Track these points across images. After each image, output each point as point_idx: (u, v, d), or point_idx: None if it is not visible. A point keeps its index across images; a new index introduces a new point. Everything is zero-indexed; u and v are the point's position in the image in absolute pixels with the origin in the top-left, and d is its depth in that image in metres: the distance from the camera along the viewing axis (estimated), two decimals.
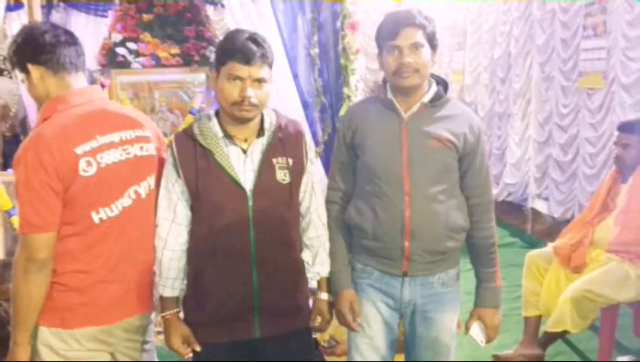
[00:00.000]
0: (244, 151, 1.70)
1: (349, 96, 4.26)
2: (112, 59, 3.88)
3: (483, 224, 1.86)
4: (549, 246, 3.11)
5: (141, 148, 1.75)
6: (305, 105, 4.50)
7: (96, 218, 1.63)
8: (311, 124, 4.46)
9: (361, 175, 1.84)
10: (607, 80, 4.15)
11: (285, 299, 1.75)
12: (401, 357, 2.04)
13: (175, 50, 3.90)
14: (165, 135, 2.16)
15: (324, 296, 1.87)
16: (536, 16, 5.06)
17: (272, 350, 1.76)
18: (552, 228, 4.71)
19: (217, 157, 1.67)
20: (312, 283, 1.86)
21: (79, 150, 1.59)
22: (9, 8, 5.11)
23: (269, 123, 1.73)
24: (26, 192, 1.56)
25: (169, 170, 1.71)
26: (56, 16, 5.64)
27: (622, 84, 3.97)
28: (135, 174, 1.72)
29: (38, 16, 3.40)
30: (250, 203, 1.67)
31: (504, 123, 5.83)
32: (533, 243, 4.81)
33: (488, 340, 1.91)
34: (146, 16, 3.93)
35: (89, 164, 1.61)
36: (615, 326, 2.88)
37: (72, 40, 1.70)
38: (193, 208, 1.71)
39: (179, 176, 1.68)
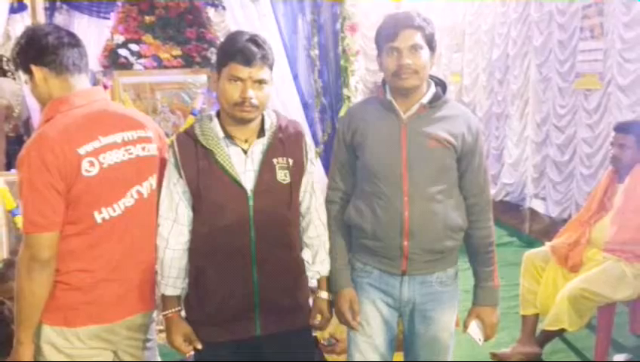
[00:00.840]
0: (245, 152, 1.71)
1: (348, 97, 4.29)
2: (114, 61, 3.88)
3: (481, 223, 1.87)
4: (547, 246, 3.13)
5: (143, 148, 1.76)
6: (305, 106, 4.51)
7: (98, 218, 1.64)
8: (311, 125, 4.47)
9: (361, 175, 1.86)
10: (604, 81, 4.17)
11: (286, 297, 1.76)
12: (400, 355, 2.04)
13: (176, 51, 3.90)
14: (167, 135, 2.17)
15: (324, 294, 1.88)
16: (534, 18, 5.08)
17: (272, 348, 1.77)
18: (550, 228, 4.72)
19: (218, 158, 1.68)
20: (312, 282, 1.87)
21: (82, 150, 1.60)
22: (13, 10, 5.11)
23: (270, 124, 1.75)
24: (29, 192, 1.57)
25: (171, 170, 1.72)
26: (59, 18, 5.65)
27: (618, 85, 3.99)
28: (137, 174, 1.73)
29: (41, 18, 3.42)
30: (251, 203, 1.68)
31: (502, 123, 5.85)
32: (530, 243, 4.82)
33: (486, 338, 1.92)
34: (147, 18, 3.94)
35: (92, 164, 1.62)
36: (612, 325, 2.90)
37: (74, 41, 1.71)
38: (194, 208, 1.72)
39: (180, 176, 1.70)
